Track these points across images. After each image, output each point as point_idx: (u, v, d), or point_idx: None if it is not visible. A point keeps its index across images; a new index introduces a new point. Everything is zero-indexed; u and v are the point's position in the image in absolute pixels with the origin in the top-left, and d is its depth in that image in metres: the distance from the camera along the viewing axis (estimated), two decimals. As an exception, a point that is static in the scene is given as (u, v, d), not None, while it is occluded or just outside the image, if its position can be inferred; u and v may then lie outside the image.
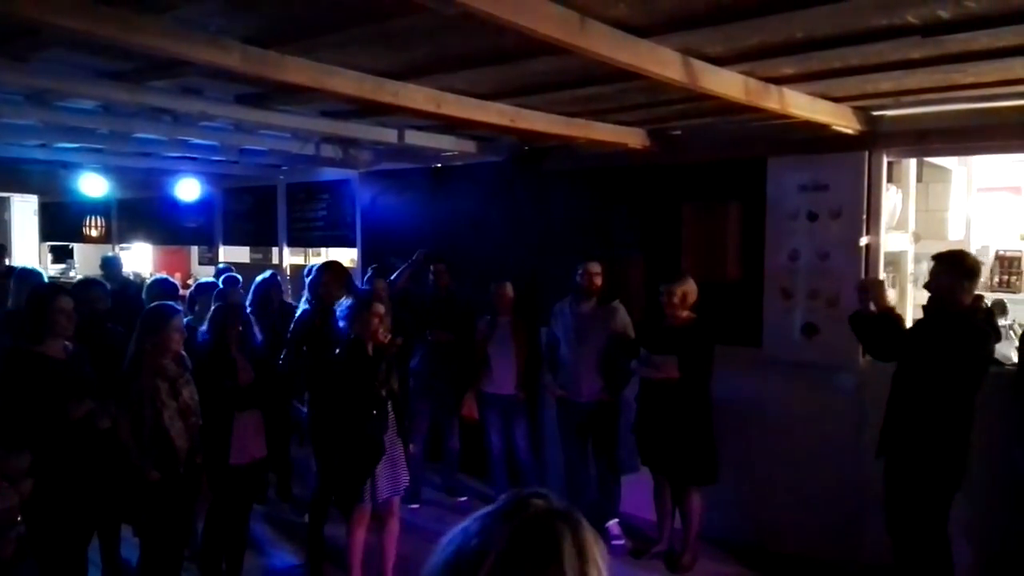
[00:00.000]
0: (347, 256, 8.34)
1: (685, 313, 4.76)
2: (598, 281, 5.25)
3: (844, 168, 4.73)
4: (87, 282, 4.86)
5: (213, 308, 4.49)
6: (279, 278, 6.43)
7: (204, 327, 4.36)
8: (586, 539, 1.01)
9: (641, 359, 4.88)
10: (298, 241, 8.41)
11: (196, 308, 5.45)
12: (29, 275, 6.46)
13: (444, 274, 6.02)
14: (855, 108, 4.41)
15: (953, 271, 3.76)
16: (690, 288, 4.75)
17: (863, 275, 4.61)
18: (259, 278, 5.94)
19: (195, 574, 4.45)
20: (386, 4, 2.66)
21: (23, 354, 3.55)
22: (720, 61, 3.35)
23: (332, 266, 5.12)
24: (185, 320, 4.66)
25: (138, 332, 3.87)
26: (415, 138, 5.47)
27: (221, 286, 5.77)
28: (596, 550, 1.02)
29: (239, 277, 6.38)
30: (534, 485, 4.50)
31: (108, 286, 4.94)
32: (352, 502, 4.26)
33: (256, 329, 4.46)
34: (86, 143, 6.28)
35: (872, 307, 4.05)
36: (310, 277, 5.10)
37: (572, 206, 6.03)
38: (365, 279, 5.99)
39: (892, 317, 4.02)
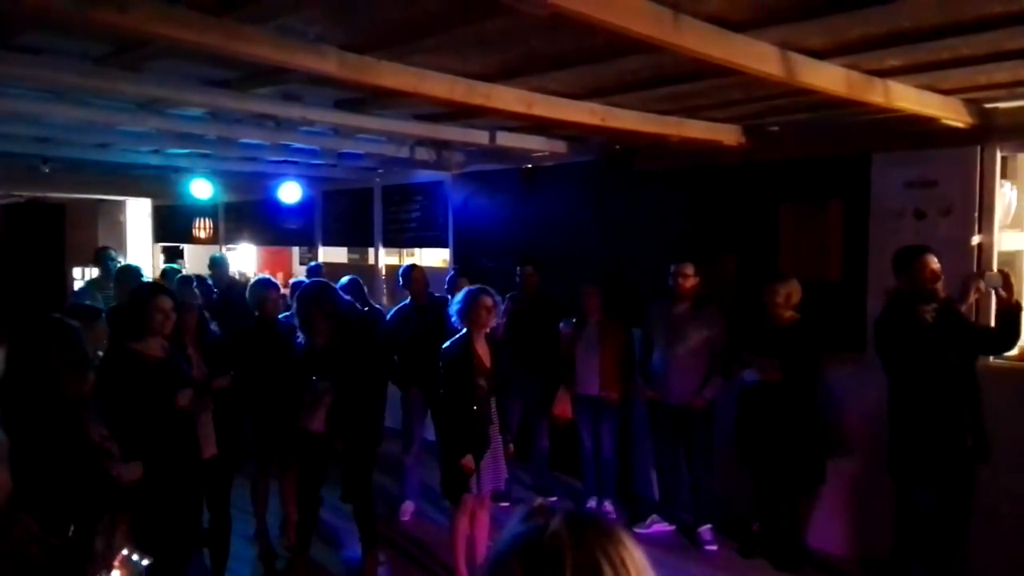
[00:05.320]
0: (439, 256, 8.48)
1: (788, 314, 4.71)
2: (689, 283, 5.18)
3: (954, 163, 4.53)
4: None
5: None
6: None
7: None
8: (595, 557, 0.98)
9: (742, 361, 4.82)
10: (393, 242, 8.58)
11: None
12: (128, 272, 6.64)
13: (532, 276, 6.04)
14: (966, 100, 4.19)
15: None
16: (794, 288, 4.71)
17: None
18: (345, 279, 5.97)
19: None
20: (478, 8, 2.68)
21: (120, 351, 3.60)
22: (821, 54, 3.24)
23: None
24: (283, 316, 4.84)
25: None
26: (506, 139, 5.51)
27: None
28: (607, 567, 0.98)
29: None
30: (612, 485, 4.49)
31: (215, 289, 4.91)
32: (460, 492, 4.33)
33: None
34: (195, 148, 6.61)
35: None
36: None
37: (665, 206, 5.93)
38: (447, 279, 6.06)
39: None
